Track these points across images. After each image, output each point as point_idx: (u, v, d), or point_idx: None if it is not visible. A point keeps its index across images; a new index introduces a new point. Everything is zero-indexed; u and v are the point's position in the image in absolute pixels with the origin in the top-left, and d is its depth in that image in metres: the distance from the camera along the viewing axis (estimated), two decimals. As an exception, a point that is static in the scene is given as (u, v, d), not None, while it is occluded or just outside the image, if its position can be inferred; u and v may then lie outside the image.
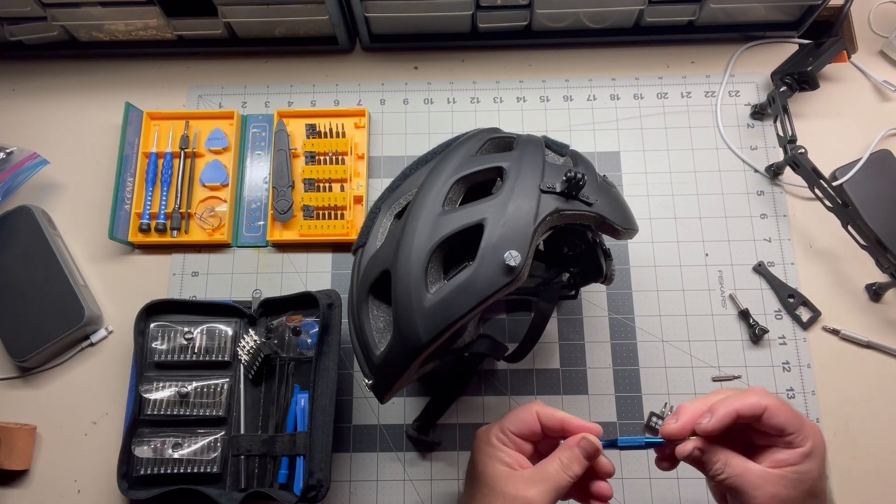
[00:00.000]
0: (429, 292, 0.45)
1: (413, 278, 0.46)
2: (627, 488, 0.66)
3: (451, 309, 0.45)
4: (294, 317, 0.67)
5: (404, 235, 0.47)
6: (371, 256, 0.51)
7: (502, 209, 0.46)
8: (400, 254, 0.47)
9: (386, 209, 0.53)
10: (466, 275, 0.45)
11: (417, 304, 0.45)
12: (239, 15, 0.77)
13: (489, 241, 0.45)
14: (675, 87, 0.80)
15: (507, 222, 0.46)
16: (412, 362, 0.47)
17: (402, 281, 0.46)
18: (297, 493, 0.62)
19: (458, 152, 0.52)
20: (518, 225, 0.46)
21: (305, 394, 0.65)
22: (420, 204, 0.49)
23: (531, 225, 0.46)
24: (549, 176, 0.49)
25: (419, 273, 0.46)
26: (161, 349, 0.68)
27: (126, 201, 0.75)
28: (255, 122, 0.80)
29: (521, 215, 0.46)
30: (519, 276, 0.44)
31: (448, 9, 0.76)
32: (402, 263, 0.46)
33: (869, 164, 0.73)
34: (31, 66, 0.84)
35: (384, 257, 0.49)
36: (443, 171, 0.50)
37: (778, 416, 0.47)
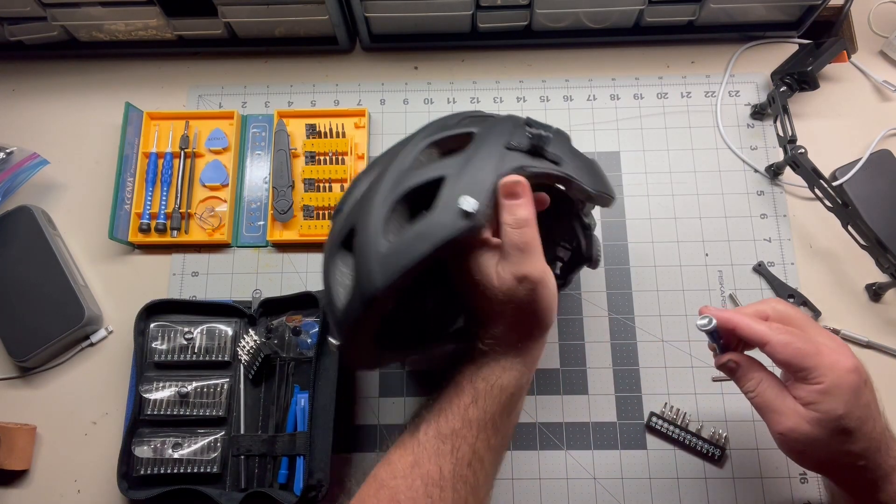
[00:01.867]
0: (387, 241, 0.46)
1: (372, 227, 0.46)
2: (627, 488, 0.66)
3: (406, 254, 0.45)
4: (294, 317, 0.67)
5: (370, 192, 0.49)
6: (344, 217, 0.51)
7: (465, 164, 0.47)
8: (363, 208, 0.48)
9: (365, 178, 0.53)
10: (422, 222, 0.45)
11: (375, 251, 0.46)
12: (239, 15, 0.77)
13: (448, 192, 0.46)
14: (675, 87, 0.80)
15: (468, 174, 0.46)
16: (368, 312, 0.46)
17: (363, 231, 0.47)
18: (297, 493, 0.62)
19: (437, 124, 0.53)
20: (478, 176, 0.46)
21: (305, 394, 0.65)
22: (391, 166, 0.49)
23: (491, 176, 0.46)
24: (516, 137, 0.49)
25: (378, 222, 0.46)
26: (161, 349, 0.68)
27: (126, 201, 0.75)
28: (255, 122, 0.80)
29: (483, 168, 0.47)
30: (476, 223, 0.44)
31: (448, 9, 0.76)
32: (364, 216, 0.47)
33: (869, 164, 0.73)
34: (31, 66, 0.84)
35: (353, 215, 0.50)
36: (417, 136, 0.52)
37: (781, 353, 0.46)
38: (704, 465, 0.66)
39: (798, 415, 0.46)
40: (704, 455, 0.66)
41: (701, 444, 0.66)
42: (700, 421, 0.67)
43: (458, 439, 0.46)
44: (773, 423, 0.48)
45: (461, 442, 0.46)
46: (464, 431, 0.46)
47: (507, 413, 0.48)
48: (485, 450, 0.47)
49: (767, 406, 0.48)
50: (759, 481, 0.65)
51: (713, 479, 0.65)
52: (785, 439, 0.47)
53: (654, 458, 0.66)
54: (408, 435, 0.48)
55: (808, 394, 0.46)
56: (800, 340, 0.47)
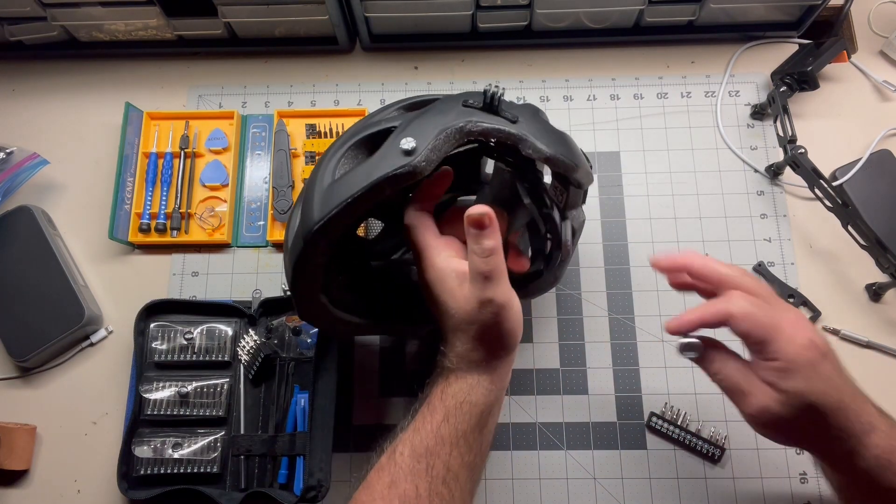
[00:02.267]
0: (333, 178, 0.48)
1: (321, 170, 0.48)
2: (627, 488, 0.66)
3: (346, 189, 0.46)
4: (294, 316, 0.67)
5: (334, 145, 0.51)
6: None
7: (418, 117, 0.49)
8: (321, 158, 0.50)
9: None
10: (366, 162, 0.47)
11: (319, 186, 0.47)
12: (239, 15, 0.77)
13: (395, 137, 0.47)
14: (675, 87, 0.80)
15: (417, 124, 0.48)
16: (308, 247, 0.47)
17: (314, 175, 0.49)
18: (297, 493, 0.62)
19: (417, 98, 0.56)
20: (426, 126, 0.47)
21: (305, 394, 0.65)
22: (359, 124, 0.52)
23: (438, 126, 0.47)
24: (474, 97, 0.50)
25: (329, 163, 0.48)
26: (161, 349, 0.68)
27: (126, 201, 0.75)
28: (255, 122, 0.80)
29: (433, 118, 0.48)
30: (416, 161, 0.45)
31: (448, 9, 0.76)
32: (322, 162, 0.49)
33: (869, 164, 0.73)
34: (31, 66, 0.84)
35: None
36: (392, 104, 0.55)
37: (741, 325, 0.46)
38: (704, 464, 0.66)
39: (764, 395, 0.46)
40: (704, 455, 0.66)
41: (701, 444, 0.66)
42: (700, 421, 0.67)
43: (432, 457, 0.47)
44: (742, 405, 0.48)
45: (435, 460, 0.47)
46: (437, 449, 0.48)
47: (479, 429, 0.49)
48: (459, 466, 0.48)
49: (734, 388, 0.48)
50: (759, 481, 0.65)
51: (713, 479, 0.65)
52: (755, 420, 0.47)
53: (654, 458, 0.66)
54: (385, 456, 0.49)
55: (768, 372, 0.45)
56: (761, 311, 0.46)
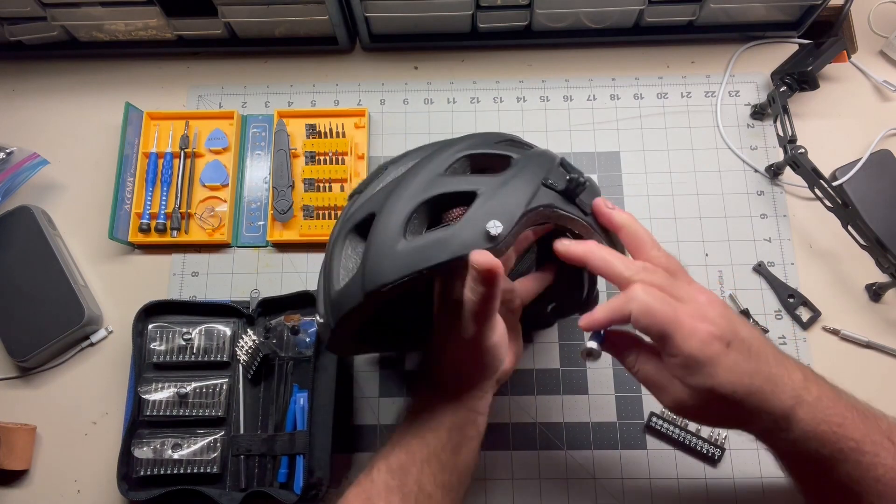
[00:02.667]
0: (404, 238, 0.46)
1: (393, 222, 0.47)
2: (627, 488, 0.66)
3: (420, 257, 0.45)
4: (292, 316, 0.67)
5: (399, 186, 0.49)
6: (364, 201, 0.51)
7: (499, 186, 0.47)
8: (389, 199, 0.48)
9: (393, 169, 0.53)
10: (447, 231, 0.45)
11: (390, 246, 0.46)
12: (239, 15, 0.77)
13: (477, 208, 0.46)
14: (675, 87, 0.80)
15: (500, 197, 0.46)
16: (366, 302, 0.47)
17: (383, 223, 0.47)
18: (298, 491, 0.62)
19: (477, 137, 0.53)
20: (509, 202, 0.46)
21: (305, 393, 0.65)
22: (423, 164, 0.50)
23: (522, 206, 0.46)
24: (554, 176, 0.49)
25: (400, 219, 0.47)
26: (160, 350, 0.68)
27: (126, 201, 0.75)
28: (255, 122, 0.80)
29: (516, 195, 0.47)
30: (498, 246, 0.45)
31: (448, 9, 0.76)
32: (388, 207, 0.47)
33: (869, 164, 0.73)
34: (31, 66, 0.84)
35: (375, 202, 0.50)
36: (455, 145, 0.52)
37: (639, 323, 0.45)
38: (704, 465, 0.66)
39: (676, 389, 0.45)
40: (704, 455, 0.66)
41: (701, 444, 0.66)
42: (700, 421, 0.67)
43: (405, 474, 0.47)
44: (659, 398, 0.47)
45: (407, 477, 0.47)
46: (409, 465, 0.48)
47: (454, 450, 0.49)
48: (432, 486, 0.47)
49: (650, 382, 0.47)
50: (759, 481, 0.65)
51: (713, 479, 0.65)
52: (673, 411, 0.47)
53: (654, 458, 0.66)
54: (364, 474, 0.50)
55: (673, 368, 0.45)
56: (660, 306, 0.44)
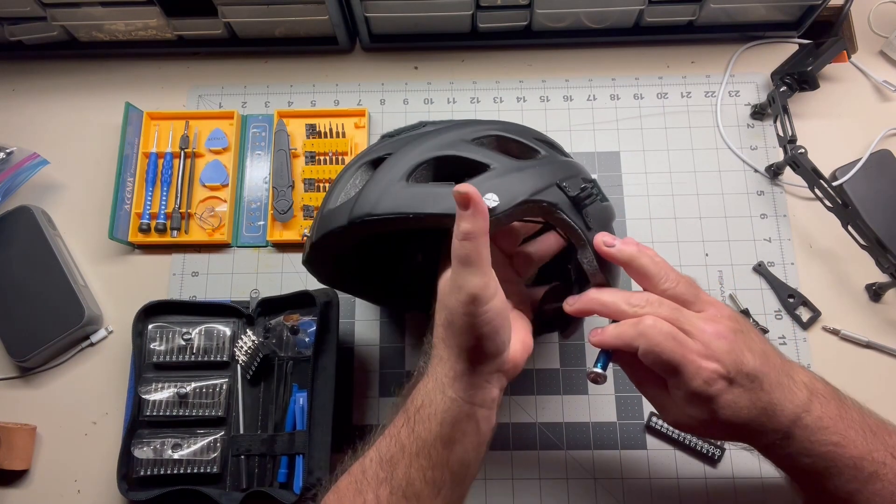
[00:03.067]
0: (405, 182, 0.47)
1: (402, 164, 0.48)
2: (627, 488, 0.66)
3: (414, 202, 0.46)
4: (292, 316, 0.67)
5: (423, 136, 0.50)
6: (388, 143, 0.53)
7: (514, 170, 0.48)
8: (408, 144, 0.50)
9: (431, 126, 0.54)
10: (446, 188, 0.46)
11: (389, 183, 0.47)
12: (239, 15, 0.77)
13: (483, 180, 0.47)
14: (675, 87, 0.80)
15: (509, 178, 0.47)
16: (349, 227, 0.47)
17: (392, 162, 0.48)
18: (297, 491, 0.62)
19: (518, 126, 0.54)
20: (515, 185, 0.47)
21: (304, 392, 0.65)
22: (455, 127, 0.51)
23: (526, 194, 0.46)
24: (571, 183, 0.49)
25: (410, 164, 0.48)
26: (159, 350, 0.68)
27: (126, 201, 0.75)
28: (255, 122, 0.80)
29: (525, 182, 0.47)
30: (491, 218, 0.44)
31: (448, 9, 0.76)
32: (403, 150, 0.49)
33: (869, 164, 0.73)
34: (31, 66, 0.84)
35: (395, 145, 0.51)
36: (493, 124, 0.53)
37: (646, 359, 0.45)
38: (704, 465, 0.66)
39: (678, 411, 0.46)
40: (704, 455, 0.66)
41: (701, 445, 0.66)
42: (700, 421, 0.67)
43: (395, 466, 0.45)
44: (660, 413, 0.49)
45: (396, 469, 0.45)
46: (398, 457, 0.45)
47: (444, 443, 0.44)
48: (421, 482, 0.44)
49: (652, 400, 0.49)
50: (759, 481, 0.65)
51: (713, 479, 0.65)
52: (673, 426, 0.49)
53: (654, 458, 0.66)
54: (357, 462, 0.48)
55: (675, 396, 0.46)
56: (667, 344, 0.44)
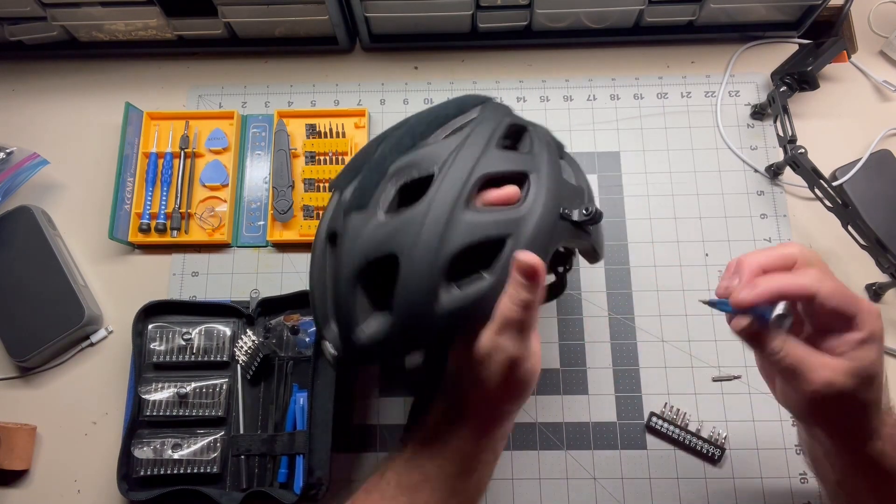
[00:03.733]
0: (441, 296, 0.45)
1: (427, 279, 0.45)
2: (627, 488, 0.66)
3: (460, 320, 0.45)
4: (292, 316, 0.67)
5: (423, 230, 0.45)
6: (374, 227, 0.47)
7: (524, 226, 0.46)
8: (417, 247, 0.45)
9: (396, 177, 0.49)
10: (483, 289, 0.45)
11: (427, 305, 0.45)
12: (239, 15, 0.77)
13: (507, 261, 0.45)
14: (675, 87, 0.80)
15: (526, 244, 0.46)
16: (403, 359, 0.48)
17: (415, 278, 0.45)
18: (298, 491, 0.62)
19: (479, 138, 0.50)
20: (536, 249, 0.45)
21: (304, 392, 0.65)
22: (442, 197, 0.46)
23: (547, 254, 0.47)
24: (566, 197, 0.49)
25: (435, 276, 0.45)
26: (159, 350, 0.68)
27: (126, 201, 0.75)
28: (255, 122, 0.80)
29: (539, 239, 0.46)
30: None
31: (448, 9, 0.76)
32: (419, 259, 0.45)
33: (869, 164, 0.73)
34: (31, 66, 0.84)
35: (394, 239, 0.46)
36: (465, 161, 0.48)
37: (831, 301, 0.43)
38: (704, 465, 0.66)
39: (831, 368, 0.43)
40: (704, 455, 0.66)
41: (701, 444, 0.66)
42: (700, 421, 0.67)
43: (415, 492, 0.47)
44: (807, 381, 0.44)
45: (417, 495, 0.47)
46: (422, 485, 0.47)
47: (467, 475, 0.48)
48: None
49: (799, 363, 0.44)
50: (759, 481, 0.65)
51: (713, 479, 0.65)
52: (818, 395, 0.44)
53: (654, 458, 0.66)
54: (377, 476, 0.49)
55: (845, 344, 0.43)
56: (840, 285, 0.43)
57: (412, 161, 0.48)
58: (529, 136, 0.53)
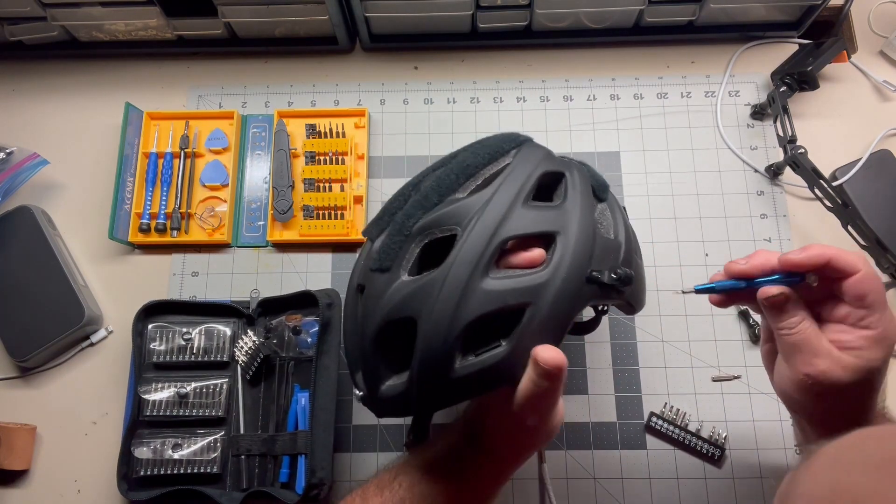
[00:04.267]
0: (456, 363, 0.45)
1: (443, 345, 0.44)
2: (627, 488, 0.66)
3: (474, 385, 0.45)
4: (293, 316, 0.67)
5: (441, 297, 0.45)
6: (396, 289, 0.46)
7: (545, 294, 0.44)
8: (434, 314, 0.45)
9: (420, 236, 0.47)
10: (497, 358, 0.44)
11: (443, 370, 0.45)
12: (239, 15, 0.77)
13: (525, 330, 0.44)
14: (675, 87, 0.80)
15: (546, 312, 0.45)
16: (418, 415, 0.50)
17: (432, 344, 0.45)
18: (299, 491, 0.62)
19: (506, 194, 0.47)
20: (558, 317, 0.45)
21: (306, 393, 0.65)
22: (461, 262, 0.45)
23: (568, 322, 0.46)
24: (597, 256, 0.47)
25: (450, 343, 0.44)
26: (159, 350, 0.68)
27: (126, 201, 0.75)
28: (255, 122, 0.80)
29: (561, 306, 0.45)
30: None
31: (448, 9, 0.76)
32: (435, 326, 0.45)
33: (869, 164, 0.73)
34: (31, 66, 0.84)
35: (413, 303, 0.46)
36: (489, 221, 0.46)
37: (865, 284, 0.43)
38: (704, 465, 0.66)
39: (832, 358, 0.44)
40: (704, 455, 0.66)
41: (701, 444, 0.66)
42: (700, 421, 0.67)
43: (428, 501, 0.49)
44: (804, 364, 0.45)
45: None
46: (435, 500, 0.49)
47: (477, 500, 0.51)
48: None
49: (805, 344, 0.44)
50: (758, 481, 0.65)
51: (713, 479, 0.65)
52: (809, 381, 0.44)
53: (654, 458, 0.66)
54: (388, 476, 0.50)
55: (856, 339, 0.44)
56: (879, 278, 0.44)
57: (436, 221, 0.47)
58: (565, 184, 0.50)
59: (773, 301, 0.46)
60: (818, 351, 0.44)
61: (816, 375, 0.44)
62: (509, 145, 0.50)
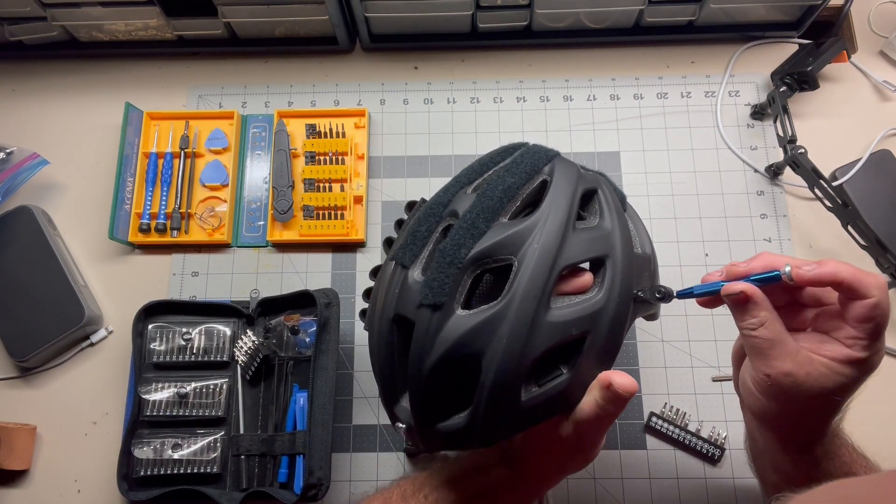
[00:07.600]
0: (522, 395, 0.45)
1: (511, 380, 0.44)
2: (627, 488, 0.66)
3: (538, 414, 0.45)
4: (292, 316, 0.67)
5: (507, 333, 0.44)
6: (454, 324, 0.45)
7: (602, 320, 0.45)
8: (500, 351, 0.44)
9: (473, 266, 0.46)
10: (561, 387, 0.45)
11: (510, 404, 0.45)
12: (239, 15, 0.77)
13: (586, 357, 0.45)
14: (675, 87, 0.80)
15: (604, 337, 0.45)
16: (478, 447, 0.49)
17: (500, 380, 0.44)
18: (298, 491, 0.62)
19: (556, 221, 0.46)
20: (615, 340, 0.46)
21: (304, 393, 0.65)
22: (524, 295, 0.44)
23: (620, 344, 0.47)
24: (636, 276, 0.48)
25: (519, 378, 0.44)
26: (159, 350, 0.68)
27: (126, 201, 0.75)
28: (255, 122, 0.80)
29: (616, 329, 0.46)
30: None
31: (448, 9, 0.76)
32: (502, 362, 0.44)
33: (869, 164, 0.73)
34: (31, 66, 0.84)
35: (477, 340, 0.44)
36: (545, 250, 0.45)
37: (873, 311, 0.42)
38: (704, 465, 0.66)
39: (797, 363, 0.43)
40: (704, 455, 0.66)
41: (700, 444, 0.66)
42: (700, 421, 0.67)
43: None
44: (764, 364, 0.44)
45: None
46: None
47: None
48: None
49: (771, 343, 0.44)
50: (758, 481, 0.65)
51: (713, 479, 0.65)
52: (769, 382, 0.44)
53: (654, 458, 0.66)
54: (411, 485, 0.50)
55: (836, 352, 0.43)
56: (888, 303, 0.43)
57: (490, 250, 0.45)
58: (598, 201, 0.49)
59: (734, 300, 0.45)
60: (783, 353, 0.44)
61: (776, 377, 0.44)
62: (543, 159, 0.49)
